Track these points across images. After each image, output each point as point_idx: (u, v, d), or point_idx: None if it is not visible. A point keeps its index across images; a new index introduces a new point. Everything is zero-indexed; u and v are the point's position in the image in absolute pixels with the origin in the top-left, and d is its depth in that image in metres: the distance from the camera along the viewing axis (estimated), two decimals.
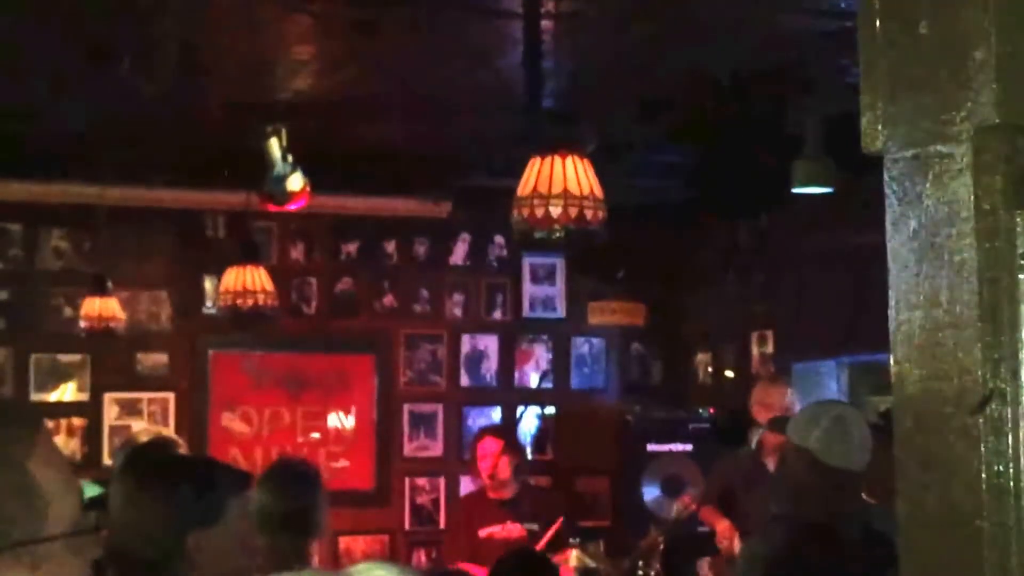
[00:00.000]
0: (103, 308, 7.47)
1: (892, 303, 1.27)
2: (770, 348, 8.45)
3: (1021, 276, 1.18)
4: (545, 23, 4.90)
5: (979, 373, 1.18)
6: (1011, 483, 1.16)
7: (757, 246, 8.54)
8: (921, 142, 1.25)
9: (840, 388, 7.88)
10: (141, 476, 2.79)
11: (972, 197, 1.20)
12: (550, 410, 9.17)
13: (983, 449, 1.17)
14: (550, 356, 9.22)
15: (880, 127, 1.30)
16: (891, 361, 1.27)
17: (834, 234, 7.43)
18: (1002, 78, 1.19)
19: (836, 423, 3.55)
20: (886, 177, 1.30)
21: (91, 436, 8.27)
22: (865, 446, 3.57)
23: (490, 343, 9.08)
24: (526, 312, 9.18)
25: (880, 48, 1.30)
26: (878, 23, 1.31)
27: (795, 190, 6.30)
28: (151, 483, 2.75)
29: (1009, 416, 1.17)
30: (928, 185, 1.25)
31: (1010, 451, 1.16)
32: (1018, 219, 1.19)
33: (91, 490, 4.34)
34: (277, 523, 3.64)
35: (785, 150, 6.18)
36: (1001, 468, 1.16)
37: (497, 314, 9.12)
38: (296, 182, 5.93)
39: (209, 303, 8.33)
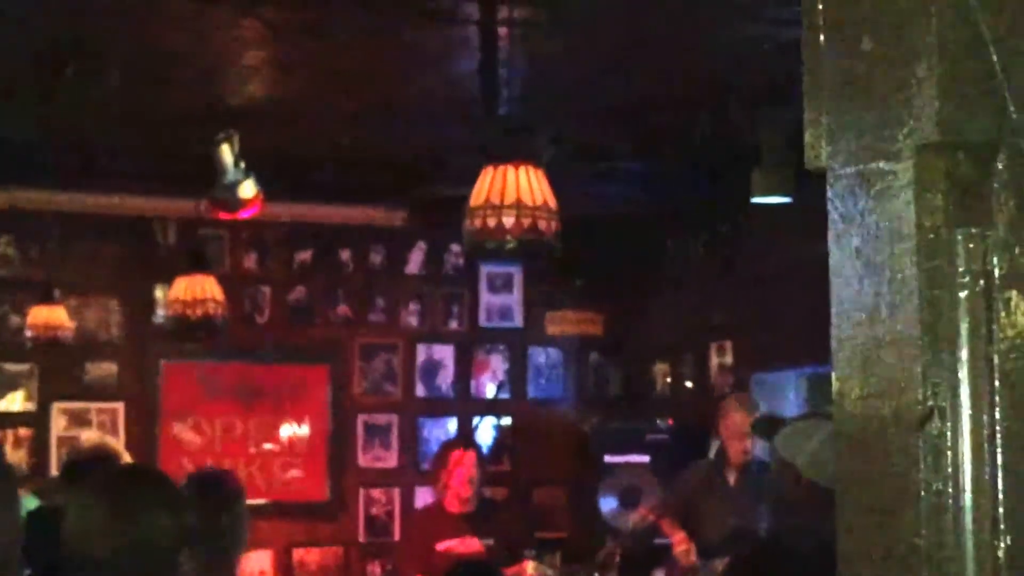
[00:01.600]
0: (50, 317, 7.40)
1: (834, 320, 1.27)
2: (729, 359, 8.47)
3: (962, 294, 1.18)
4: (501, 30, 4.89)
5: (919, 391, 1.17)
6: (950, 501, 1.16)
7: (716, 256, 8.56)
8: (863, 159, 1.25)
9: (799, 399, 7.90)
10: (132, 491, 2.72)
11: (914, 215, 1.20)
12: (507, 421, 9.15)
13: (922, 466, 1.17)
14: (507, 366, 9.21)
15: (823, 143, 1.30)
16: (832, 378, 1.27)
17: (794, 244, 7.45)
18: (944, 96, 1.19)
19: (827, 441, 3.54)
20: (829, 193, 1.29)
21: (38, 447, 8.18)
22: None
23: (446, 353, 9.06)
24: (483, 322, 9.16)
25: (824, 64, 1.30)
26: (822, 38, 1.30)
27: (754, 200, 6.32)
28: (144, 499, 2.68)
29: (949, 434, 1.17)
30: (870, 202, 1.24)
31: (949, 469, 1.16)
32: (959, 237, 1.19)
33: (29, 503, 4.29)
34: (195, 537, 3.57)
35: (746, 159, 6.19)
36: (940, 486, 1.16)
37: (453, 324, 9.10)
38: (248, 189, 5.89)
39: (160, 312, 8.26)
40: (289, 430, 8.74)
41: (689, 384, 8.87)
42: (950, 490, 1.16)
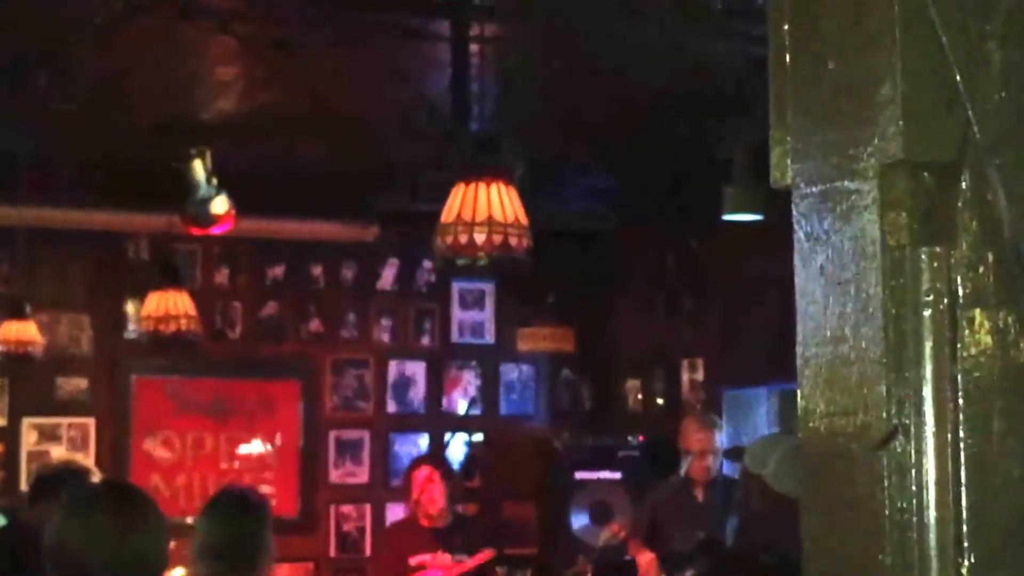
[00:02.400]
0: (21, 332, 7.36)
1: (799, 338, 1.27)
2: (700, 375, 8.48)
3: (925, 313, 1.19)
4: (472, 46, 4.90)
5: (883, 409, 1.18)
6: (914, 519, 1.16)
7: (687, 272, 8.58)
8: (828, 178, 1.26)
9: (770, 415, 7.91)
10: (126, 506, 2.75)
11: (878, 234, 1.21)
12: (478, 437, 9.15)
13: (886, 485, 1.17)
14: (479, 382, 9.20)
15: (789, 162, 1.31)
16: (798, 396, 1.27)
17: (764, 260, 7.47)
18: (907, 115, 1.20)
19: (791, 452, 3.57)
20: (794, 212, 1.30)
21: (9, 462, 8.14)
22: None
23: (418, 369, 9.05)
24: (454, 338, 9.16)
25: (789, 83, 1.31)
26: (788, 58, 1.31)
27: (725, 217, 6.33)
28: (137, 515, 2.71)
29: (912, 452, 1.17)
30: (835, 221, 1.25)
31: (913, 487, 1.17)
32: (923, 256, 1.20)
33: None
34: (220, 552, 3.58)
35: (716, 175, 6.22)
36: (904, 504, 1.17)
37: (425, 340, 9.09)
38: (220, 205, 5.89)
39: (131, 327, 8.23)
40: (260, 446, 8.71)
41: (660, 400, 8.88)
42: (914, 508, 1.16)
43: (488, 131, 4.73)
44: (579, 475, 8.35)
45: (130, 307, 8.27)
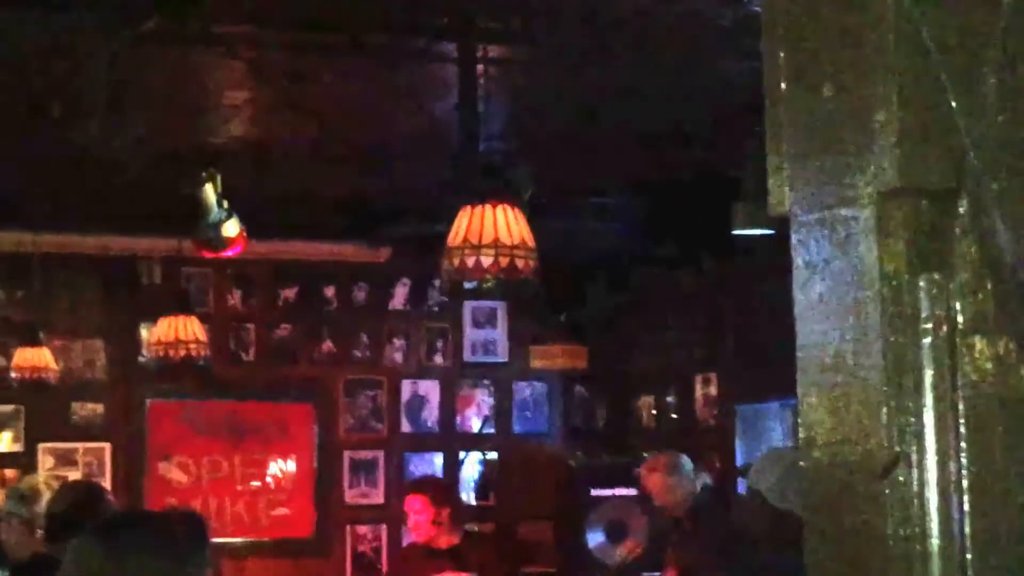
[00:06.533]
0: (35, 358, 7.39)
1: (799, 366, 1.27)
2: (714, 390, 8.46)
3: (925, 340, 1.18)
4: (479, 68, 4.91)
5: (885, 437, 1.18)
6: (917, 547, 1.16)
7: (700, 288, 8.56)
8: (826, 205, 1.26)
9: (785, 430, 7.88)
10: (125, 536, 2.75)
11: (876, 261, 1.20)
12: (492, 455, 9.13)
13: (889, 513, 1.17)
14: (492, 401, 9.19)
15: (786, 190, 1.31)
16: (800, 424, 1.27)
17: (777, 275, 7.43)
18: (904, 142, 1.19)
19: (792, 469, 3.55)
20: (793, 240, 1.30)
21: None
22: None
23: (431, 388, 9.04)
24: (467, 356, 9.15)
25: (785, 110, 1.31)
26: (783, 86, 1.31)
27: (735, 232, 6.33)
28: (136, 543, 2.71)
29: (915, 480, 1.17)
30: (833, 248, 1.25)
31: (916, 515, 1.16)
32: (922, 283, 1.19)
33: None
34: None
35: (729, 193, 6.21)
36: (907, 532, 1.16)
37: (438, 359, 9.08)
38: (232, 228, 5.91)
39: (145, 351, 8.24)
40: (275, 468, 8.71)
41: (674, 416, 8.86)
42: (917, 537, 1.16)
43: (495, 153, 4.73)
44: (594, 492, 8.33)
45: (144, 331, 8.28)
